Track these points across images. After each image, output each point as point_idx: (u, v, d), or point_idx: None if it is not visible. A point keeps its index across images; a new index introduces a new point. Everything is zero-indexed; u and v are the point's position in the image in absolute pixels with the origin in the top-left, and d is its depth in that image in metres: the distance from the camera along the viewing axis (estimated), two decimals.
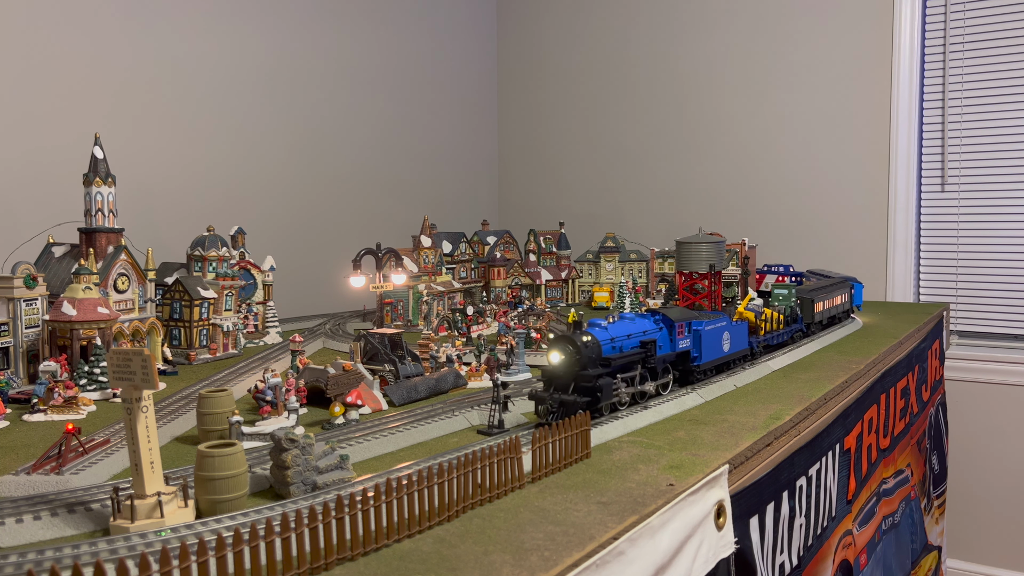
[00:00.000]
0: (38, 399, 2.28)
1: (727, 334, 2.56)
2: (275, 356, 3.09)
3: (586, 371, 1.96)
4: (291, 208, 4.86)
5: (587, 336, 2.02)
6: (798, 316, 3.30)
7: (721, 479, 1.79)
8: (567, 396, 1.93)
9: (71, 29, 3.77)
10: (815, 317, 3.40)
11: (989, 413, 4.89)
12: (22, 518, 1.42)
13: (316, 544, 1.22)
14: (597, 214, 6.13)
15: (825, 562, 2.54)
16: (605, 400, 1.98)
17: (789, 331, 3.18)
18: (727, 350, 2.57)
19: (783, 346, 3.12)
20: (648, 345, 2.20)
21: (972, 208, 4.97)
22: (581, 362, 1.96)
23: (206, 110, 4.39)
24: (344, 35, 5.21)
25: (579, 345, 1.96)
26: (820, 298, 3.47)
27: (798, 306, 3.33)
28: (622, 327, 2.16)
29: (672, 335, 2.32)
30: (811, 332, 3.41)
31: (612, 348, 2.09)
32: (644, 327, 2.23)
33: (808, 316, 3.36)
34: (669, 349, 2.31)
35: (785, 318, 3.19)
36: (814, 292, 3.46)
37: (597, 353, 2.01)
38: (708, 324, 2.45)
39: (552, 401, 1.93)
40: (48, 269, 2.91)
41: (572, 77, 6.33)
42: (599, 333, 2.07)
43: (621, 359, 2.09)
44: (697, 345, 2.41)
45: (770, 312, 3.06)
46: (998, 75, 4.84)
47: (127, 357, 1.39)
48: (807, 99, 5.35)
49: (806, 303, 3.37)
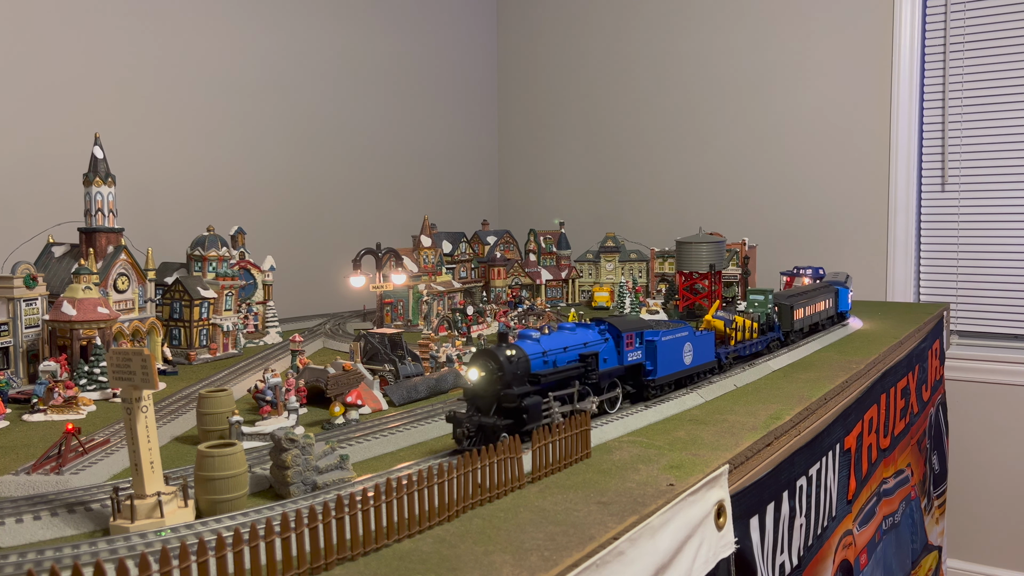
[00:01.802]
0: (38, 399, 2.28)
1: (689, 345, 2.35)
2: (275, 356, 3.09)
3: (510, 390, 1.75)
4: (291, 208, 4.86)
5: (511, 350, 1.80)
6: (775, 324, 3.08)
7: (721, 479, 1.79)
8: (487, 419, 1.73)
9: (71, 29, 3.77)
10: (795, 325, 3.19)
11: (989, 413, 4.89)
12: (22, 518, 1.42)
13: (316, 544, 1.22)
14: (597, 214, 6.13)
15: (825, 562, 2.54)
16: (532, 423, 1.76)
17: (764, 340, 2.96)
18: (689, 363, 2.37)
19: (758, 356, 2.92)
20: (589, 359, 1.99)
21: (972, 208, 4.97)
22: (504, 379, 1.75)
23: (206, 110, 4.39)
24: (344, 34, 5.21)
25: (501, 360, 1.76)
26: (800, 304, 3.26)
27: (775, 313, 3.12)
28: (558, 339, 1.97)
29: (620, 347, 2.11)
30: (790, 341, 3.19)
31: (544, 363, 1.89)
32: (585, 338, 2.03)
33: (787, 324, 3.15)
34: (615, 363, 2.11)
35: (760, 326, 2.98)
36: (794, 298, 3.25)
37: (524, 369, 1.81)
38: (665, 335, 2.25)
39: (469, 424, 1.73)
40: (48, 269, 2.91)
41: (572, 77, 6.33)
42: (528, 346, 1.88)
43: (554, 375, 1.88)
44: (651, 357, 2.20)
45: (742, 320, 2.85)
46: (998, 75, 4.84)
47: (127, 357, 1.39)
48: (807, 99, 5.35)
49: (784, 309, 3.16)
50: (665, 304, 4.31)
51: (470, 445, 1.71)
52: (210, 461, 1.45)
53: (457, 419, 1.75)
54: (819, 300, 3.46)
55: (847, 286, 3.87)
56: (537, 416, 1.78)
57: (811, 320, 3.38)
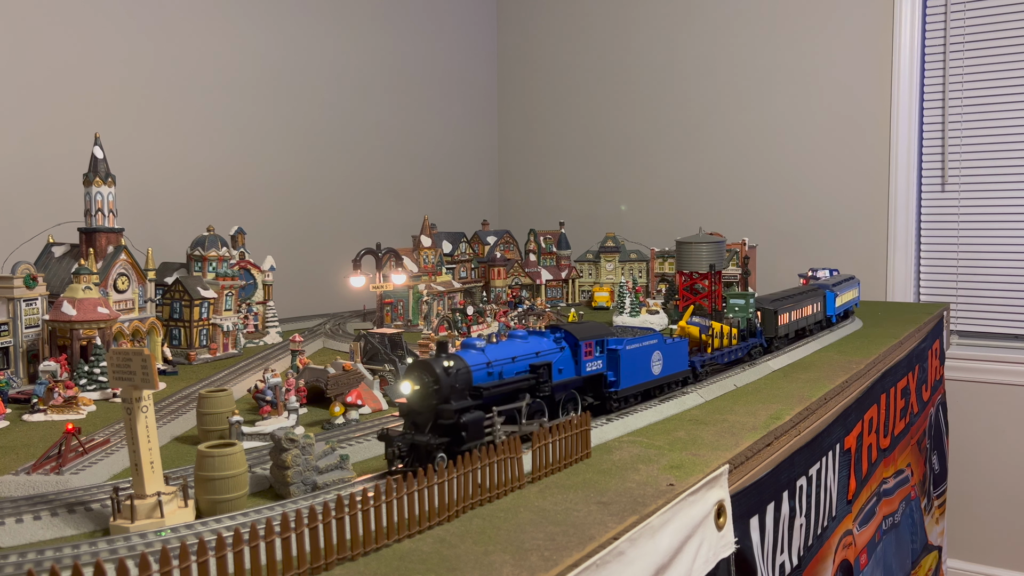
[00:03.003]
0: (38, 399, 2.28)
1: (658, 354, 2.20)
2: (275, 356, 3.09)
3: (448, 404, 1.60)
4: (291, 208, 4.86)
5: (450, 361, 1.65)
6: (757, 329, 2.93)
7: (721, 479, 1.79)
8: (421, 437, 1.58)
9: (71, 29, 3.76)
10: (779, 330, 3.02)
11: (989, 413, 4.89)
12: (22, 518, 1.42)
13: (316, 544, 1.22)
14: (597, 214, 6.13)
15: (825, 562, 2.54)
16: (471, 441, 1.60)
17: (745, 347, 2.81)
18: (658, 372, 2.22)
19: (738, 364, 2.76)
20: (540, 369, 1.83)
21: (972, 208, 4.96)
22: (441, 393, 1.61)
23: (206, 110, 4.39)
24: (344, 35, 5.21)
25: (438, 373, 1.61)
26: (785, 309, 3.09)
27: (757, 318, 2.96)
28: (506, 348, 1.82)
29: (577, 356, 1.96)
30: (775, 348, 3.02)
31: (488, 374, 1.74)
32: (537, 347, 1.89)
33: (770, 330, 2.98)
34: (572, 373, 1.95)
35: (740, 332, 2.82)
36: (778, 302, 3.09)
37: (465, 381, 1.66)
38: (630, 343, 2.09)
39: (401, 443, 1.58)
40: (48, 269, 2.91)
41: (572, 77, 6.33)
42: (471, 356, 1.72)
43: (500, 388, 1.72)
44: (614, 367, 2.06)
45: (719, 326, 2.68)
46: (998, 75, 4.84)
47: (127, 357, 1.39)
48: (807, 99, 5.35)
49: (767, 315, 2.99)
50: (665, 304, 4.31)
51: (402, 467, 1.57)
52: (210, 461, 1.45)
53: (389, 437, 1.60)
54: (806, 304, 3.30)
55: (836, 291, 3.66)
56: (478, 433, 1.62)
57: (797, 325, 3.22)
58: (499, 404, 1.71)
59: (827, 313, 3.57)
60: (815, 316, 3.42)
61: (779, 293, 3.34)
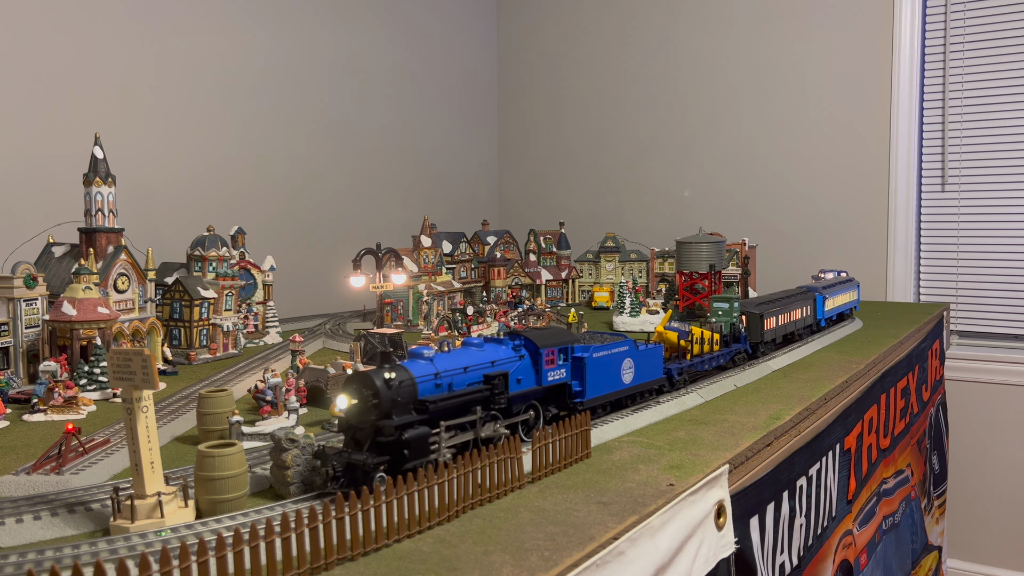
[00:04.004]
0: (38, 399, 2.28)
1: (629, 362, 2.08)
2: (275, 356, 3.09)
3: (389, 420, 1.49)
4: (291, 208, 4.86)
5: (392, 372, 1.53)
6: (741, 335, 2.80)
7: (721, 479, 1.79)
8: (358, 455, 1.45)
9: (71, 29, 3.76)
10: (764, 335, 2.91)
11: (989, 413, 4.89)
12: (22, 518, 1.42)
13: (316, 544, 1.22)
14: (597, 214, 6.13)
15: (825, 562, 2.54)
16: (415, 460, 1.48)
17: (728, 353, 2.68)
18: (629, 381, 2.09)
19: (721, 371, 2.65)
20: (496, 380, 1.70)
21: (972, 208, 4.96)
22: (381, 408, 1.49)
23: (206, 110, 4.39)
24: (344, 35, 5.21)
25: (377, 385, 1.49)
26: (772, 313, 2.97)
27: (741, 323, 2.83)
28: (457, 358, 1.70)
29: (538, 365, 1.84)
30: (760, 354, 2.90)
31: (436, 386, 1.62)
32: (494, 356, 1.76)
33: (755, 335, 2.87)
34: (532, 383, 1.83)
35: (723, 337, 2.70)
36: (764, 305, 2.98)
37: (409, 395, 1.55)
38: (598, 350, 1.97)
39: (336, 462, 1.46)
40: (48, 269, 2.91)
41: (572, 77, 6.33)
42: (417, 367, 1.60)
43: (449, 400, 1.60)
44: (580, 376, 1.93)
45: (699, 331, 2.56)
46: (998, 75, 4.84)
47: (127, 357, 1.39)
48: (807, 99, 5.35)
49: (753, 319, 2.87)
50: (665, 304, 4.31)
51: (336, 488, 1.46)
52: (210, 461, 1.45)
53: (324, 455, 1.48)
54: (794, 308, 3.20)
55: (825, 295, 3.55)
56: (422, 451, 1.50)
57: (784, 330, 3.11)
58: (449, 418, 1.59)
59: (817, 317, 3.47)
60: (804, 320, 3.33)
61: (766, 296, 3.24)
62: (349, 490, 1.36)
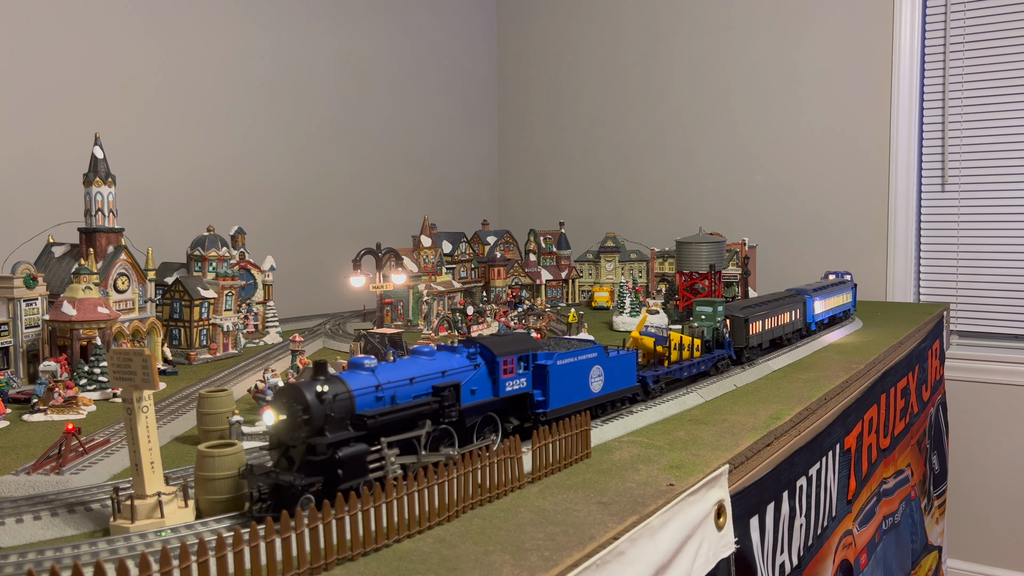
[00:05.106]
0: (38, 399, 2.28)
1: (598, 369, 1.97)
2: (275, 356, 3.10)
3: (322, 437, 1.37)
4: (291, 208, 4.86)
5: (325, 385, 1.41)
6: (725, 340, 2.70)
7: (721, 479, 1.79)
8: (286, 476, 1.35)
9: (71, 29, 3.76)
10: (750, 340, 2.80)
11: (989, 413, 4.89)
12: (22, 518, 1.42)
13: (316, 544, 1.22)
14: (597, 214, 6.13)
15: (825, 562, 2.54)
16: (351, 480, 1.38)
17: (710, 359, 2.59)
18: (598, 390, 1.97)
19: (704, 377, 2.55)
20: (446, 391, 1.59)
21: (972, 208, 4.96)
22: (313, 424, 1.38)
23: (206, 110, 4.38)
24: (344, 35, 5.21)
25: (308, 400, 1.38)
26: (758, 317, 2.87)
27: (725, 328, 2.72)
28: (403, 368, 1.58)
29: (495, 374, 1.73)
30: (745, 359, 2.80)
31: (377, 399, 1.50)
32: (445, 365, 1.65)
33: (740, 340, 2.76)
34: (488, 394, 1.72)
35: (705, 343, 2.60)
36: (749, 309, 2.86)
37: (345, 409, 1.43)
38: (563, 357, 1.86)
39: (262, 483, 1.36)
40: (48, 269, 2.91)
41: (572, 77, 6.33)
42: (356, 379, 1.49)
43: (390, 415, 1.49)
44: (543, 385, 1.82)
45: (679, 336, 2.45)
46: (998, 75, 4.84)
47: (127, 357, 1.39)
48: (807, 99, 5.35)
49: (737, 323, 2.76)
50: (665, 304, 4.31)
51: (261, 511, 1.35)
52: (210, 461, 1.45)
53: (252, 474, 1.38)
54: (781, 312, 3.09)
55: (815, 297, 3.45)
56: (359, 470, 1.39)
57: (772, 335, 3.00)
58: (391, 434, 1.48)
59: (807, 321, 3.36)
60: (793, 324, 3.22)
61: (753, 299, 3.14)
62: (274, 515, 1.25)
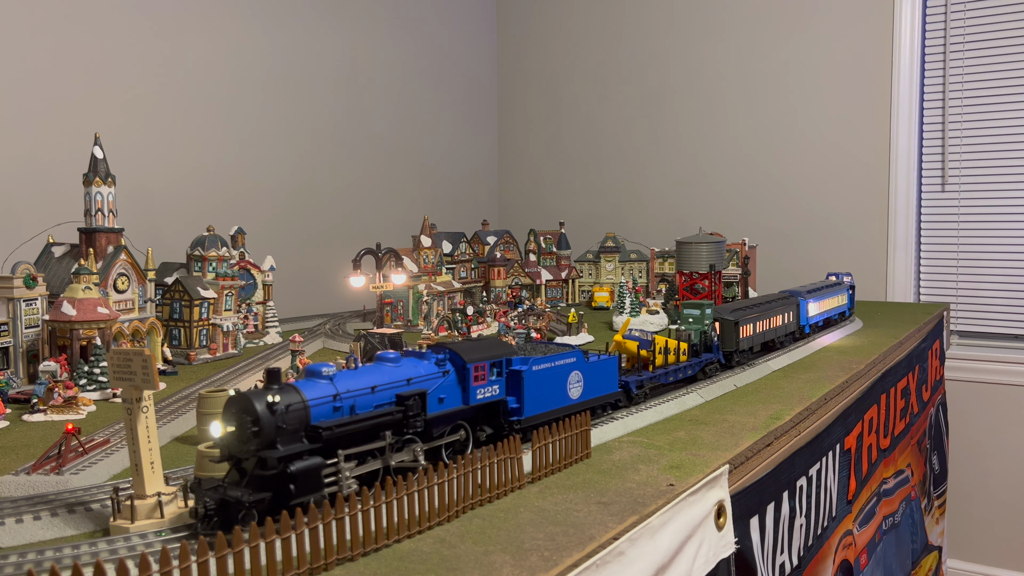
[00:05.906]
0: (38, 399, 2.28)
1: (577, 374, 1.90)
2: (275, 356, 3.09)
3: (274, 450, 1.31)
4: (291, 208, 4.86)
5: (277, 395, 1.34)
6: (714, 344, 2.62)
7: (721, 479, 1.79)
8: (233, 491, 1.29)
9: (71, 29, 3.76)
10: (740, 344, 2.73)
11: (989, 413, 4.89)
12: (22, 518, 1.42)
13: (316, 544, 1.22)
14: (597, 214, 6.13)
15: (825, 562, 2.54)
16: (305, 495, 1.31)
17: (697, 363, 2.51)
18: (577, 396, 1.90)
19: (691, 382, 2.48)
20: (411, 400, 1.51)
21: (972, 208, 4.96)
22: (263, 436, 1.31)
23: (206, 110, 4.39)
24: (344, 35, 5.21)
25: (258, 411, 1.31)
26: (748, 319, 2.79)
27: (714, 331, 2.65)
28: (364, 376, 1.50)
29: (465, 381, 1.65)
30: (735, 363, 2.72)
31: (335, 409, 1.42)
32: (410, 373, 1.57)
33: (729, 343, 2.69)
34: (458, 402, 1.65)
35: (692, 347, 2.54)
36: (739, 312, 2.77)
37: (299, 420, 1.36)
38: (538, 362, 1.79)
39: (209, 498, 1.29)
40: (48, 269, 2.91)
41: (572, 77, 6.33)
42: (312, 388, 1.41)
43: (350, 426, 1.41)
44: (517, 392, 1.75)
45: (664, 340, 2.37)
46: (998, 75, 4.84)
47: (127, 357, 1.39)
48: (807, 99, 5.35)
49: (727, 326, 2.68)
50: (665, 304, 4.31)
51: (206, 528, 1.29)
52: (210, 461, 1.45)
53: (200, 489, 1.32)
54: (773, 314, 3.02)
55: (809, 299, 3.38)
56: (313, 485, 1.32)
57: (763, 338, 2.94)
58: (351, 446, 1.41)
59: (800, 323, 3.29)
60: (785, 327, 3.14)
61: (744, 301, 3.07)
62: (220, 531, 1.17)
